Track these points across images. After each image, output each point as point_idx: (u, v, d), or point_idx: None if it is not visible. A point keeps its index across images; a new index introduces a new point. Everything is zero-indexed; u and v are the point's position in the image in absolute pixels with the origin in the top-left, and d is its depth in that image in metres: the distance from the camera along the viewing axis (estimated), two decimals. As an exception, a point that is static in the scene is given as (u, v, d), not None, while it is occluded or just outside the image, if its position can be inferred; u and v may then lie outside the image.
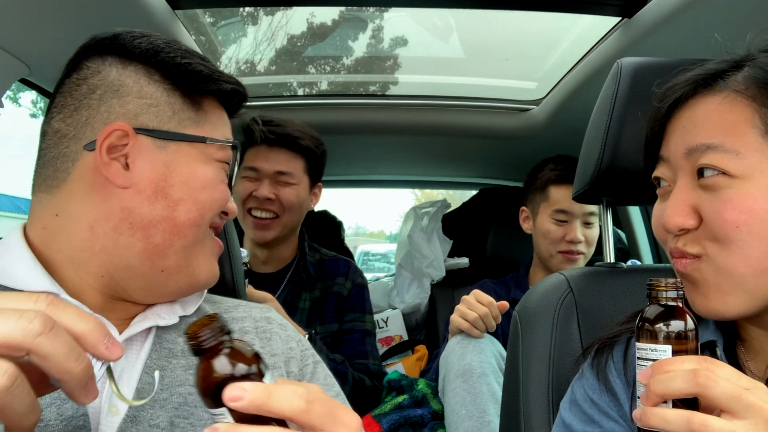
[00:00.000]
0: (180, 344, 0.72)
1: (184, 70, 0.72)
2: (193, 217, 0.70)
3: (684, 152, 0.66)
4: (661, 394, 0.53)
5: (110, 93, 0.69)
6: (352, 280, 1.71)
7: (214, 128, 0.75)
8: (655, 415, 0.53)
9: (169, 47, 0.72)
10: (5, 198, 10.63)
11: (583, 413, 0.75)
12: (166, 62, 0.71)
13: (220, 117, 0.77)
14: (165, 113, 0.71)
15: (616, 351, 0.76)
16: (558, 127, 1.90)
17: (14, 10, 1.09)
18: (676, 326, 0.56)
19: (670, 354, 0.55)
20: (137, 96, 0.69)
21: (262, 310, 0.85)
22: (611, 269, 0.99)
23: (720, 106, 0.64)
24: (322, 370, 0.83)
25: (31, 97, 7.32)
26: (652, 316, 0.57)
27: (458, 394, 1.32)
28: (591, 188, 0.95)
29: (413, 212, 2.33)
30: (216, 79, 0.74)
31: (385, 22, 1.91)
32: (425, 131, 2.08)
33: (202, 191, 0.71)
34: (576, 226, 1.66)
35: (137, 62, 0.71)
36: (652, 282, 0.58)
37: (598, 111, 0.96)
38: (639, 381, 0.56)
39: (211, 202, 0.71)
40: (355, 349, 1.61)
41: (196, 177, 0.71)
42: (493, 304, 1.38)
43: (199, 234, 0.71)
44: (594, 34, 1.51)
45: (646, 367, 0.55)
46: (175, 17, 1.40)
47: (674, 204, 0.66)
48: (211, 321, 0.46)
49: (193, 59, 0.73)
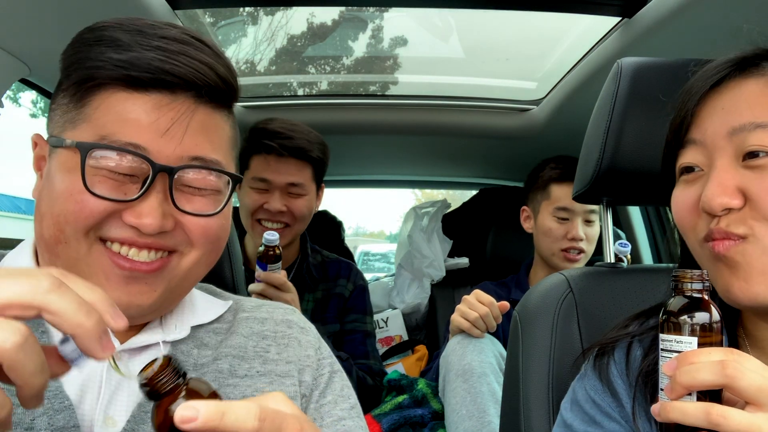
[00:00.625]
0: (193, 356, 0.71)
1: (66, 59, 0.65)
2: (54, 233, 0.61)
3: (727, 132, 0.65)
4: (687, 385, 0.52)
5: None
6: (353, 282, 1.73)
7: (100, 126, 0.61)
8: (674, 409, 0.52)
9: (77, 38, 0.65)
10: (5, 198, 10.64)
11: (585, 414, 0.74)
12: (61, 60, 0.66)
13: (117, 110, 0.62)
14: (57, 117, 0.66)
15: (618, 352, 0.76)
16: (558, 127, 1.90)
17: (14, 10, 1.09)
18: (702, 318, 0.56)
19: (695, 346, 0.55)
20: (56, 103, 0.67)
21: (285, 311, 0.83)
22: (611, 269, 0.99)
23: (766, 88, 0.65)
24: (340, 380, 0.80)
25: (31, 97, 7.31)
26: (677, 308, 0.57)
27: (458, 394, 1.32)
28: (591, 188, 0.95)
29: (413, 212, 2.33)
30: (84, 66, 0.62)
31: (385, 22, 1.91)
32: (425, 131, 2.08)
33: (56, 203, 0.61)
34: (577, 224, 1.67)
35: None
36: (678, 274, 0.58)
37: (598, 111, 0.96)
38: (663, 372, 0.56)
39: (66, 215, 0.60)
40: (356, 349, 1.63)
41: (51, 187, 0.62)
42: (494, 304, 1.39)
43: (72, 252, 0.61)
44: (594, 34, 1.51)
45: (671, 359, 0.55)
46: (175, 17, 1.40)
47: (717, 183, 0.64)
48: (165, 365, 0.45)
49: (82, 47, 0.63)
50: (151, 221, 0.60)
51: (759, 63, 0.67)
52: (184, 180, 0.64)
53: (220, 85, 0.65)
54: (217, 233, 0.68)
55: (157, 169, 0.61)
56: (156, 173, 0.61)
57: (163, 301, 0.66)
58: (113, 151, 0.60)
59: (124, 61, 0.61)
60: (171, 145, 0.62)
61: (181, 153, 0.63)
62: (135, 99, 0.62)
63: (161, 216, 0.61)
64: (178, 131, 0.62)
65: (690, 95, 0.70)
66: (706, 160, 0.67)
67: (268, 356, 0.75)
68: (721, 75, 0.68)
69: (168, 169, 0.62)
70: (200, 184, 0.65)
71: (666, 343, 0.57)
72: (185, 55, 0.63)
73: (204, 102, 0.66)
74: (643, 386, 0.70)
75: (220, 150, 0.67)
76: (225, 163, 0.68)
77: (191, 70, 0.62)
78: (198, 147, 0.64)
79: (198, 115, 0.65)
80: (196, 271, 0.68)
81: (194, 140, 0.64)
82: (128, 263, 0.62)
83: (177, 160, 0.63)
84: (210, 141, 0.66)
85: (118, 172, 0.61)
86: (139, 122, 0.61)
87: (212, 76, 0.64)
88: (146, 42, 0.62)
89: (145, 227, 0.60)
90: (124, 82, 0.62)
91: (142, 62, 0.61)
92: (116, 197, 0.60)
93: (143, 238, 0.61)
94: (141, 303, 0.63)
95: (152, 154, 0.61)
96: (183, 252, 0.65)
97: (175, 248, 0.65)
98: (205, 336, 0.74)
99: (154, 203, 0.61)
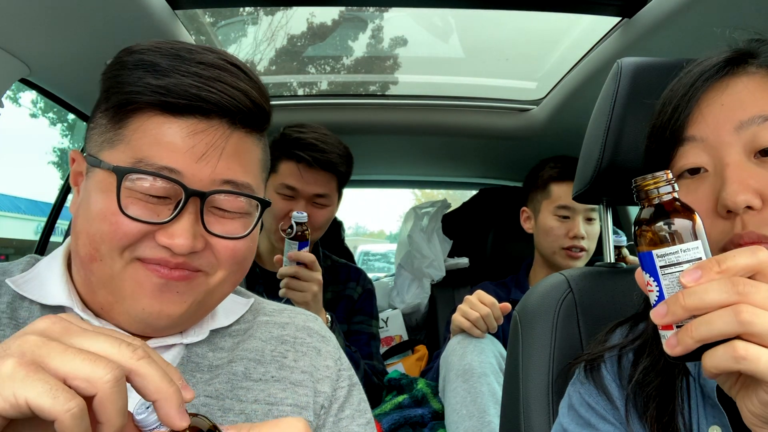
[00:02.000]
0: (208, 359, 0.72)
1: (105, 81, 0.67)
2: (89, 252, 0.63)
3: (733, 127, 0.64)
4: (732, 269, 0.49)
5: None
6: (362, 286, 1.77)
7: (137, 149, 0.63)
8: (697, 325, 0.49)
9: (116, 60, 0.67)
10: (5, 198, 10.63)
11: (580, 417, 0.75)
12: (102, 81, 0.68)
13: (154, 134, 0.64)
14: (95, 136, 0.68)
15: (609, 358, 0.76)
16: (558, 127, 1.90)
17: (14, 10, 1.09)
18: (683, 224, 0.54)
19: (701, 249, 0.53)
20: (94, 122, 0.70)
21: (306, 318, 0.84)
22: (611, 269, 0.99)
23: (763, 82, 0.65)
24: (358, 394, 0.81)
25: (31, 97, 7.32)
26: (651, 218, 0.54)
27: (458, 394, 1.32)
28: (591, 188, 0.95)
29: (413, 212, 2.33)
30: (123, 90, 0.64)
31: (385, 22, 1.91)
32: (425, 131, 2.08)
33: (92, 222, 0.63)
34: (578, 222, 1.67)
35: None
36: (639, 182, 0.56)
37: (598, 111, 0.96)
38: (684, 282, 0.51)
39: (101, 234, 0.62)
40: (360, 350, 1.64)
41: (88, 206, 0.64)
42: (496, 305, 1.39)
43: (106, 269, 0.63)
44: (594, 34, 1.51)
45: (685, 269, 0.52)
46: (175, 17, 1.40)
47: (738, 181, 0.61)
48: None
49: (122, 70, 0.65)
50: (183, 242, 0.62)
51: (748, 60, 0.67)
52: (214, 202, 0.67)
53: (253, 110, 0.67)
54: (244, 255, 0.70)
55: (190, 193, 0.63)
56: (188, 197, 0.63)
57: (190, 315, 0.68)
58: (149, 175, 0.63)
59: (162, 87, 0.63)
60: (206, 170, 0.65)
61: (214, 177, 0.65)
62: (171, 123, 0.64)
63: (192, 237, 0.63)
64: (213, 156, 0.65)
65: (683, 94, 0.69)
66: (711, 159, 0.66)
67: (284, 362, 0.76)
68: (717, 76, 0.68)
69: (200, 193, 0.64)
70: (230, 206, 0.68)
71: (666, 258, 0.53)
72: (221, 81, 0.64)
73: (238, 127, 0.67)
74: (634, 397, 0.70)
75: (250, 173, 0.70)
76: (255, 185, 0.70)
77: (226, 97, 0.64)
78: (230, 171, 0.66)
79: (232, 139, 0.67)
80: (221, 289, 0.70)
81: (227, 164, 0.66)
82: (165, 270, 0.64)
83: (210, 183, 0.65)
84: (242, 164, 0.68)
85: (151, 194, 0.63)
86: (175, 146, 0.63)
87: (246, 102, 0.66)
88: (184, 68, 0.64)
89: (177, 247, 0.62)
90: (160, 107, 0.64)
91: (179, 88, 0.63)
92: (149, 219, 0.62)
93: (175, 258, 0.64)
94: (171, 312, 0.65)
95: (186, 177, 0.64)
96: (209, 273, 0.68)
97: (202, 269, 0.67)
98: (222, 339, 0.75)
99: (186, 224, 0.63)
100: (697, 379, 0.67)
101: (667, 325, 0.53)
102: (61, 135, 10.02)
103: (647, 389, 0.69)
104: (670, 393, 0.67)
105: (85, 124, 1.79)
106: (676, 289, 0.53)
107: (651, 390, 0.68)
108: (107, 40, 1.28)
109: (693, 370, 0.68)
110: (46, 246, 2.03)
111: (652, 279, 0.55)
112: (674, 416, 0.65)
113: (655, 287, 0.55)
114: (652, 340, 0.71)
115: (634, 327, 0.77)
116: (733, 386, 0.54)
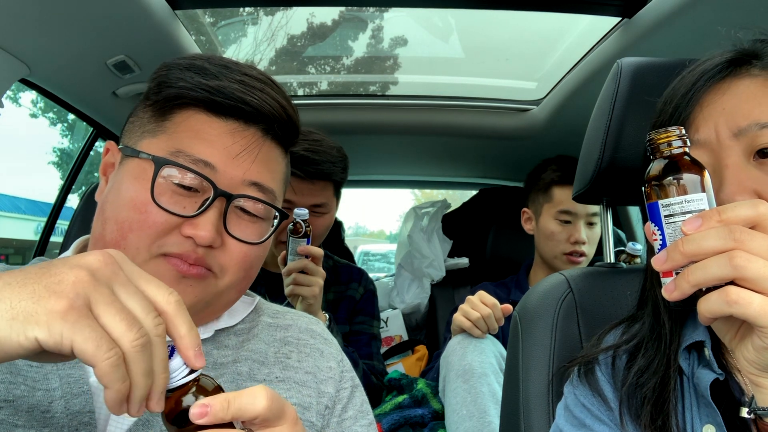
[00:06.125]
0: (213, 356, 0.73)
1: (154, 79, 0.72)
2: (115, 238, 0.65)
3: (733, 132, 0.65)
4: (735, 218, 0.51)
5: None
6: (364, 287, 1.77)
7: (178, 140, 0.68)
8: (694, 270, 0.51)
9: (169, 62, 0.73)
10: (5, 198, 10.63)
11: (575, 418, 0.75)
12: (152, 79, 0.73)
13: (196, 129, 0.69)
14: (135, 128, 0.72)
15: (603, 360, 0.76)
16: (558, 127, 1.90)
17: (14, 10, 1.09)
18: (691, 178, 0.56)
19: (705, 201, 0.55)
20: (135, 116, 0.75)
21: (309, 320, 0.86)
22: (611, 269, 0.99)
23: (764, 86, 0.65)
24: (360, 396, 0.83)
25: (31, 97, 7.32)
26: (661, 172, 0.57)
27: (459, 394, 1.32)
28: (591, 188, 0.95)
29: (413, 212, 2.33)
30: (175, 85, 0.69)
31: (385, 22, 1.92)
32: (425, 131, 2.08)
33: (122, 210, 0.66)
34: (580, 227, 1.66)
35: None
36: (653, 136, 0.58)
37: (598, 111, 0.96)
38: (684, 230, 0.53)
39: (130, 222, 0.65)
40: (361, 350, 1.65)
41: (118, 193, 0.67)
42: (497, 306, 1.38)
43: (129, 257, 0.65)
44: (594, 34, 1.51)
45: (687, 219, 0.54)
46: (175, 17, 1.40)
47: (737, 182, 0.62)
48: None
49: (169, 70, 0.71)
50: (206, 233, 0.66)
51: (752, 61, 0.67)
52: (238, 203, 0.71)
53: (287, 122, 0.74)
54: (252, 262, 0.73)
55: (218, 193, 0.67)
56: (216, 196, 0.68)
57: (197, 312, 0.70)
58: (185, 170, 0.67)
59: (211, 87, 0.68)
60: (239, 170, 0.70)
61: (244, 177, 0.70)
62: (212, 122, 0.69)
63: (215, 231, 0.67)
64: (247, 158, 0.70)
65: (685, 93, 0.70)
66: (710, 160, 0.66)
67: (288, 362, 0.77)
68: (719, 76, 0.68)
69: (227, 195, 0.68)
70: (252, 209, 0.72)
71: (671, 207, 0.56)
72: (263, 91, 0.71)
73: (270, 137, 0.73)
74: (628, 399, 0.70)
75: (275, 182, 0.75)
76: (278, 195, 0.76)
77: (266, 105, 0.71)
78: (260, 174, 0.72)
79: (265, 147, 0.73)
80: (227, 294, 0.73)
81: (258, 168, 0.71)
82: (185, 266, 0.67)
83: (239, 183, 0.70)
84: (270, 172, 0.74)
85: (182, 185, 0.67)
86: (213, 143, 0.69)
87: (282, 113, 0.73)
88: (231, 75, 0.70)
89: (199, 239, 0.66)
90: (206, 105, 0.69)
91: (226, 90, 0.69)
92: (177, 212, 0.66)
93: (195, 252, 0.67)
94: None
95: (220, 173, 0.68)
96: (218, 275, 0.70)
97: (213, 269, 0.69)
98: (226, 338, 0.76)
99: (211, 218, 0.67)
100: (691, 379, 0.67)
101: (668, 272, 0.55)
102: (61, 135, 10.00)
103: (641, 391, 0.69)
104: (664, 394, 0.67)
105: (84, 124, 1.79)
106: (678, 238, 0.55)
107: (645, 392, 0.68)
108: (107, 41, 1.28)
109: (687, 370, 0.68)
110: (46, 246, 2.03)
111: (656, 228, 0.57)
112: (668, 417, 0.65)
113: (659, 236, 0.57)
114: (647, 339, 0.72)
115: (628, 328, 0.77)
116: (733, 338, 0.56)
